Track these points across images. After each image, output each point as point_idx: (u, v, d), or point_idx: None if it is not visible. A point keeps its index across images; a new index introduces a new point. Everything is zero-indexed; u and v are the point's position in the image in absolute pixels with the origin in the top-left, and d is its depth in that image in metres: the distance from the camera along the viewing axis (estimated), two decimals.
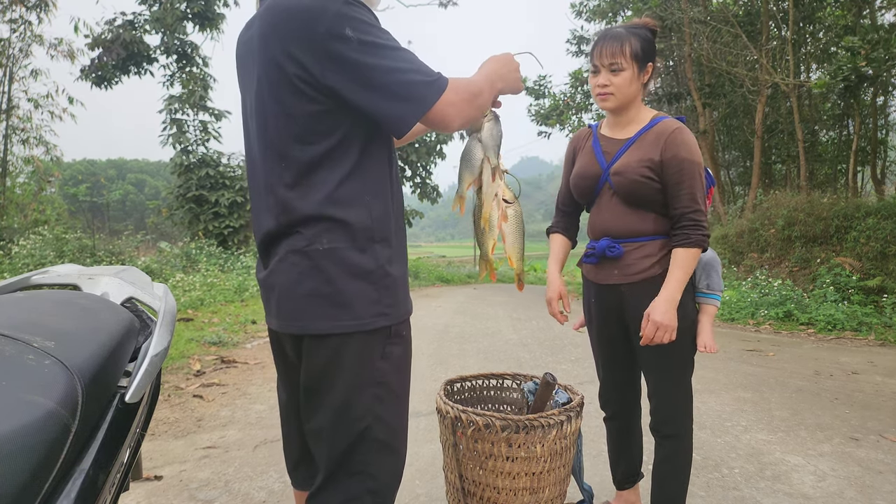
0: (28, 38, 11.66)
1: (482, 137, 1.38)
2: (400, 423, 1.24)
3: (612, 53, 1.67)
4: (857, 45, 7.60)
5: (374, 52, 1.08)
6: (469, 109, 1.18)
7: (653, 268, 1.71)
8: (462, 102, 1.15)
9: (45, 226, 9.99)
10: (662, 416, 1.79)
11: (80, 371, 0.80)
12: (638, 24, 1.75)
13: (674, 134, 1.67)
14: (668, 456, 1.79)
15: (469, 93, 1.17)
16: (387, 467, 1.21)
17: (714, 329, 1.90)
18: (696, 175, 1.65)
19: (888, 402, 3.63)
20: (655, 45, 1.75)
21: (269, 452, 2.73)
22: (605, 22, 14.35)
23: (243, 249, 11.86)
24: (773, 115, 12.66)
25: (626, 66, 1.67)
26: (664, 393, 1.78)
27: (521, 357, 4.94)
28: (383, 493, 1.20)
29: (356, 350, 1.15)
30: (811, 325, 6.57)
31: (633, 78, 1.69)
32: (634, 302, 1.75)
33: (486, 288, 14.43)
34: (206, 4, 12.26)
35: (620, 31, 1.70)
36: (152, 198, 36.83)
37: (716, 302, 1.78)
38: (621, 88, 1.69)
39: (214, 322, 6.19)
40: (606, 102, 1.74)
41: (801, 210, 8.94)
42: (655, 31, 1.75)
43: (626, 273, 1.75)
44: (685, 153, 1.64)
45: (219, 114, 12.39)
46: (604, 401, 2.02)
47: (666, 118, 1.74)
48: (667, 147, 1.66)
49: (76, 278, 1.26)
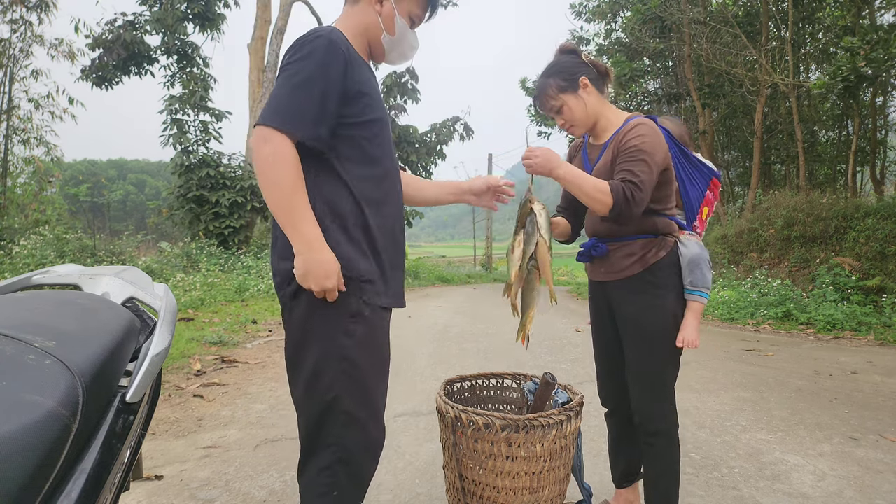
0: (29, 39, 11.68)
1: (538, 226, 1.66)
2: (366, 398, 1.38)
3: (544, 104, 1.81)
4: (857, 45, 7.61)
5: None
6: (263, 175, 1.28)
7: (633, 266, 1.76)
8: (264, 162, 1.27)
9: (45, 226, 9.99)
10: (644, 413, 1.80)
11: (81, 371, 0.80)
12: (552, 62, 1.84)
13: (629, 129, 1.71)
14: (655, 453, 1.80)
15: (272, 179, 1.27)
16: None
17: (707, 328, 1.90)
18: (636, 159, 1.64)
19: (887, 401, 3.63)
20: (575, 54, 1.82)
21: (270, 452, 2.73)
22: (605, 23, 14.35)
23: (244, 249, 11.86)
24: (773, 116, 12.66)
25: (562, 102, 1.77)
26: (645, 389, 1.79)
27: (520, 357, 4.94)
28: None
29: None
30: (810, 324, 6.58)
31: (576, 102, 1.77)
32: (619, 299, 1.82)
33: (486, 288, 14.43)
34: (207, 5, 12.26)
35: (541, 80, 1.81)
36: (153, 198, 36.86)
37: (700, 298, 1.78)
38: (574, 117, 1.79)
39: (215, 322, 6.20)
40: (575, 133, 1.86)
41: (800, 210, 8.95)
42: (573, 49, 1.83)
43: (610, 271, 1.82)
44: (633, 141, 1.67)
45: (219, 114, 12.37)
46: (603, 396, 2.04)
47: (635, 118, 1.77)
48: (621, 140, 1.71)
49: (77, 278, 1.27)
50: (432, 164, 14.69)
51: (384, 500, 2.23)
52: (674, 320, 1.76)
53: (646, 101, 14.60)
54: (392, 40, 1.50)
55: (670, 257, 1.76)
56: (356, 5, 1.48)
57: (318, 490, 1.33)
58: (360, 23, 1.47)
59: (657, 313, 1.75)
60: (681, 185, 1.88)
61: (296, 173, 1.27)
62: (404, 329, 6.42)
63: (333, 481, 1.32)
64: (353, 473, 1.35)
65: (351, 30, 1.46)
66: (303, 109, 1.27)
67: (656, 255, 1.75)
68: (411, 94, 14.02)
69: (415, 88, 14.01)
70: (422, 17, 1.54)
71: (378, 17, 1.46)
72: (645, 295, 1.76)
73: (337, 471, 1.32)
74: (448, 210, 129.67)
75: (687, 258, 1.77)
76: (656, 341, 1.75)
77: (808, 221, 8.69)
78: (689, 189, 1.90)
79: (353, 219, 1.36)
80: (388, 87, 13.92)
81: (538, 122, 16.09)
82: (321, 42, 1.30)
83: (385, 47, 1.51)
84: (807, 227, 8.68)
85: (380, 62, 1.59)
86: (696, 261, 1.77)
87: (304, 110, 1.27)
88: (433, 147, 14.44)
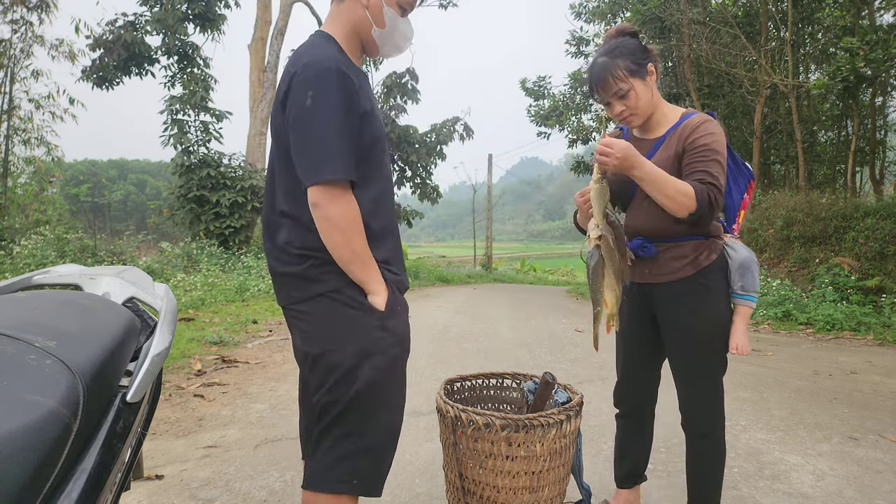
0: (29, 39, 11.67)
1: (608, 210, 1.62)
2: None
3: (607, 87, 1.68)
4: (856, 45, 7.60)
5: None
6: (340, 237, 1.31)
7: (685, 268, 1.70)
8: (341, 221, 1.30)
9: (46, 226, 9.98)
10: (693, 416, 1.78)
11: (82, 371, 0.80)
12: (615, 37, 1.73)
13: (696, 125, 1.66)
14: (699, 455, 1.79)
15: (351, 245, 1.32)
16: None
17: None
18: (710, 159, 1.60)
19: (887, 401, 3.63)
20: (640, 40, 1.72)
21: (270, 452, 2.74)
22: (605, 23, 14.35)
23: (244, 249, 11.85)
24: (772, 116, 12.66)
25: (630, 86, 1.67)
26: (695, 393, 1.77)
27: (520, 357, 4.94)
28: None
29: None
30: (810, 324, 6.58)
31: (644, 89, 1.69)
32: (664, 302, 1.75)
33: (486, 288, 14.43)
34: (207, 5, 12.26)
35: (604, 60, 1.69)
36: (153, 198, 36.83)
37: (751, 303, 1.75)
38: (639, 106, 1.70)
39: (215, 322, 6.20)
40: (634, 123, 1.76)
41: (799, 210, 8.95)
42: (635, 31, 1.73)
43: (657, 273, 1.75)
44: (704, 139, 1.62)
45: (220, 114, 12.36)
46: (619, 398, 2.01)
47: (695, 114, 1.72)
48: (688, 136, 1.65)
49: (78, 278, 1.27)
50: (432, 164, 14.68)
51: (384, 500, 2.24)
52: (724, 324, 1.73)
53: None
54: (383, 33, 1.46)
55: (720, 260, 1.72)
56: (342, 3, 1.45)
57: (340, 476, 1.34)
58: (349, 22, 1.44)
59: (708, 318, 1.71)
60: (727, 186, 1.79)
61: (361, 222, 1.34)
62: None
63: (354, 469, 1.33)
64: (375, 461, 1.37)
65: (341, 32, 1.44)
66: (349, 152, 1.30)
67: (708, 258, 1.70)
68: (411, 94, 14.01)
69: (415, 89, 14.00)
70: (412, 3, 1.49)
71: (366, 12, 1.42)
72: (696, 298, 1.71)
73: (357, 459, 1.34)
74: (448, 210, 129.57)
75: (737, 262, 1.73)
76: (706, 346, 1.71)
77: (808, 221, 8.69)
78: (734, 191, 1.82)
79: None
80: (388, 88, 13.91)
81: (537, 123, 16.09)
82: (333, 76, 1.29)
83: (377, 41, 1.47)
84: (806, 227, 8.68)
85: (374, 57, 1.57)
86: (746, 264, 1.73)
87: (350, 152, 1.30)
88: (433, 147, 14.42)
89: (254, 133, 13.59)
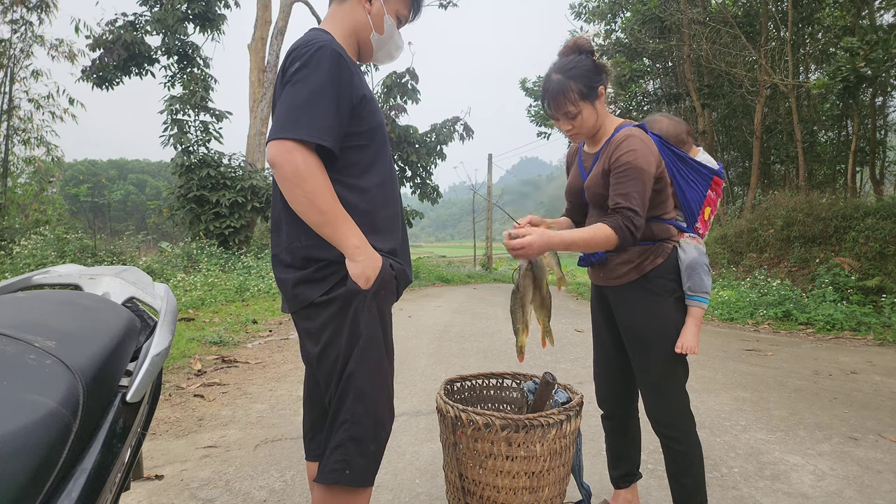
0: (29, 39, 11.70)
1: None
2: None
3: (559, 106, 1.72)
4: (856, 45, 7.61)
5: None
6: (297, 188, 1.27)
7: (629, 273, 1.77)
8: (295, 175, 1.26)
9: (46, 226, 9.99)
10: (660, 419, 1.80)
11: (82, 371, 0.80)
12: (570, 56, 1.74)
13: (619, 142, 1.68)
14: (673, 456, 1.80)
15: (310, 191, 1.26)
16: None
17: (706, 328, 1.91)
18: (630, 177, 1.62)
19: (887, 401, 3.63)
20: (595, 61, 1.73)
21: (270, 452, 2.74)
22: (605, 23, 14.35)
23: (244, 249, 11.86)
24: (772, 116, 12.67)
25: (579, 110, 1.71)
26: (656, 396, 1.79)
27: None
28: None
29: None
30: (810, 324, 6.58)
31: (590, 112, 1.73)
32: (617, 305, 1.84)
33: (486, 288, 14.43)
34: (207, 5, 12.26)
35: (558, 79, 1.71)
36: (153, 198, 36.81)
37: (699, 304, 1.77)
38: (584, 126, 1.75)
39: (215, 322, 6.20)
40: (576, 140, 1.86)
41: (799, 210, 8.95)
42: (590, 50, 1.74)
43: (608, 277, 1.83)
44: (624, 157, 1.64)
45: (220, 114, 12.37)
46: (599, 399, 2.04)
47: (626, 126, 1.74)
48: (612, 154, 1.68)
49: (77, 278, 1.27)
50: (432, 164, 14.68)
51: (384, 500, 2.24)
52: (674, 326, 1.76)
53: (645, 101, 14.60)
54: (380, 39, 1.50)
55: (668, 263, 1.76)
56: (343, 4, 1.47)
57: (332, 466, 1.35)
58: (349, 23, 1.46)
59: (656, 320, 1.75)
60: (677, 189, 1.83)
61: (328, 181, 1.28)
62: (404, 329, 6.42)
63: (346, 459, 1.35)
64: (363, 452, 1.37)
65: (341, 31, 1.45)
66: (321, 118, 1.27)
67: (653, 263, 1.75)
68: (411, 94, 14.01)
69: (415, 89, 14.00)
70: (407, 17, 1.55)
71: (367, 16, 1.46)
72: (643, 302, 1.76)
73: (349, 448, 1.35)
74: (448, 210, 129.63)
75: (685, 263, 1.77)
76: (657, 348, 1.75)
77: (808, 221, 8.70)
78: (688, 192, 1.85)
79: (365, 218, 1.38)
80: (388, 88, 13.91)
81: (537, 123, 16.11)
82: (325, 53, 1.29)
83: (374, 46, 1.51)
84: (806, 227, 8.68)
85: (366, 62, 1.60)
86: (693, 266, 1.76)
87: (322, 119, 1.27)
88: (433, 147, 14.42)
89: (254, 133, 13.60)
